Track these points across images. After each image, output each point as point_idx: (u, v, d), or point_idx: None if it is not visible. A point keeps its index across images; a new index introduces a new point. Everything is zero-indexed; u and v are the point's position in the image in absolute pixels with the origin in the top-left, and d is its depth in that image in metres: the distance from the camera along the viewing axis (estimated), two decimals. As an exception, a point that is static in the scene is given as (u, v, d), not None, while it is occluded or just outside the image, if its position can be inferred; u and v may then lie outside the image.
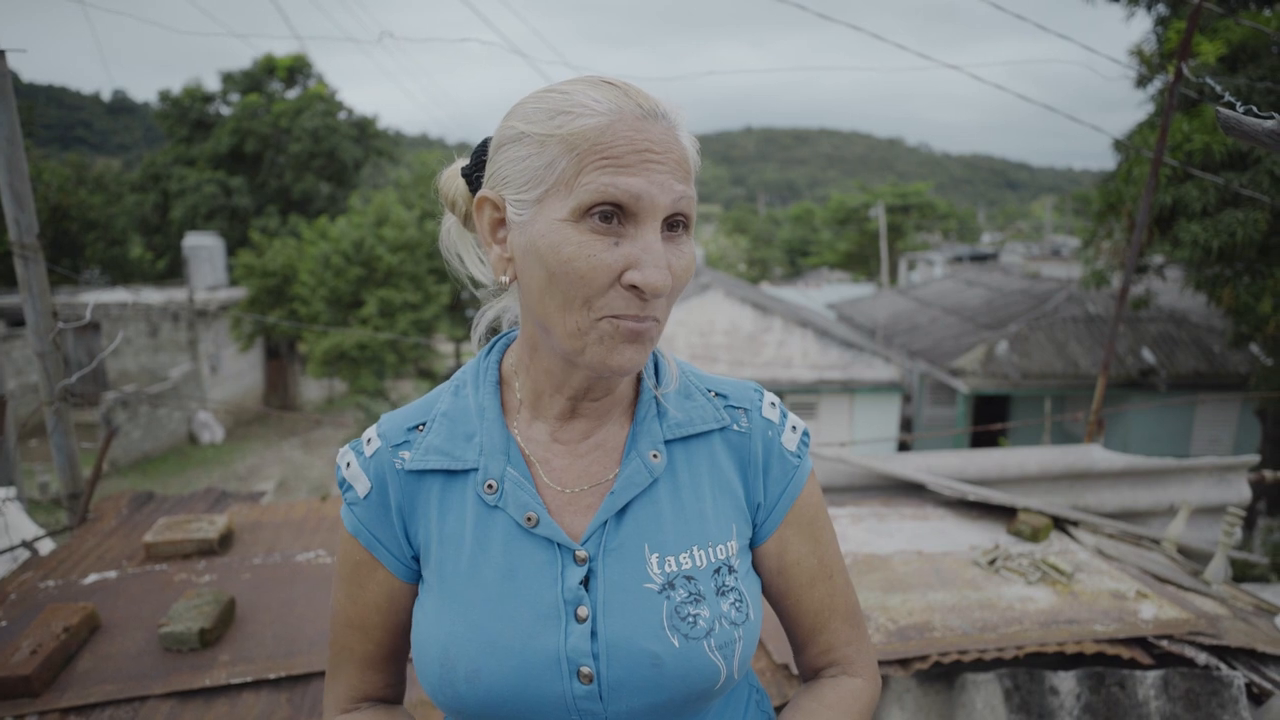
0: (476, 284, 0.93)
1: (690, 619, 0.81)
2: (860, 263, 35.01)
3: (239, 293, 19.49)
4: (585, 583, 0.81)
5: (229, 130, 23.90)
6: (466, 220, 0.92)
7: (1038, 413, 13.38)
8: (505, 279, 0.80)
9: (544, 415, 0.88)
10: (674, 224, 0.76)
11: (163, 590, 2.26)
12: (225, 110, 25.42)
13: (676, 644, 0.80)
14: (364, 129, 25.50)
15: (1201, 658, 2.13)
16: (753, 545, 0.92)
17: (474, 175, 0.87)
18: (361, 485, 0.87)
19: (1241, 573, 6.03)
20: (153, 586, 2.28)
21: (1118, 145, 9.37)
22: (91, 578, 2.33)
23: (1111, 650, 2.11)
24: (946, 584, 2.37)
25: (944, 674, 2.13)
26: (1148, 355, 12.35)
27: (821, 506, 0.96)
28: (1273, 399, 9.32)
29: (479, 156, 0.86)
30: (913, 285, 22.84)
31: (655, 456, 0.86)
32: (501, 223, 0.80)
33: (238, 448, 17.07)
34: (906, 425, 15.54)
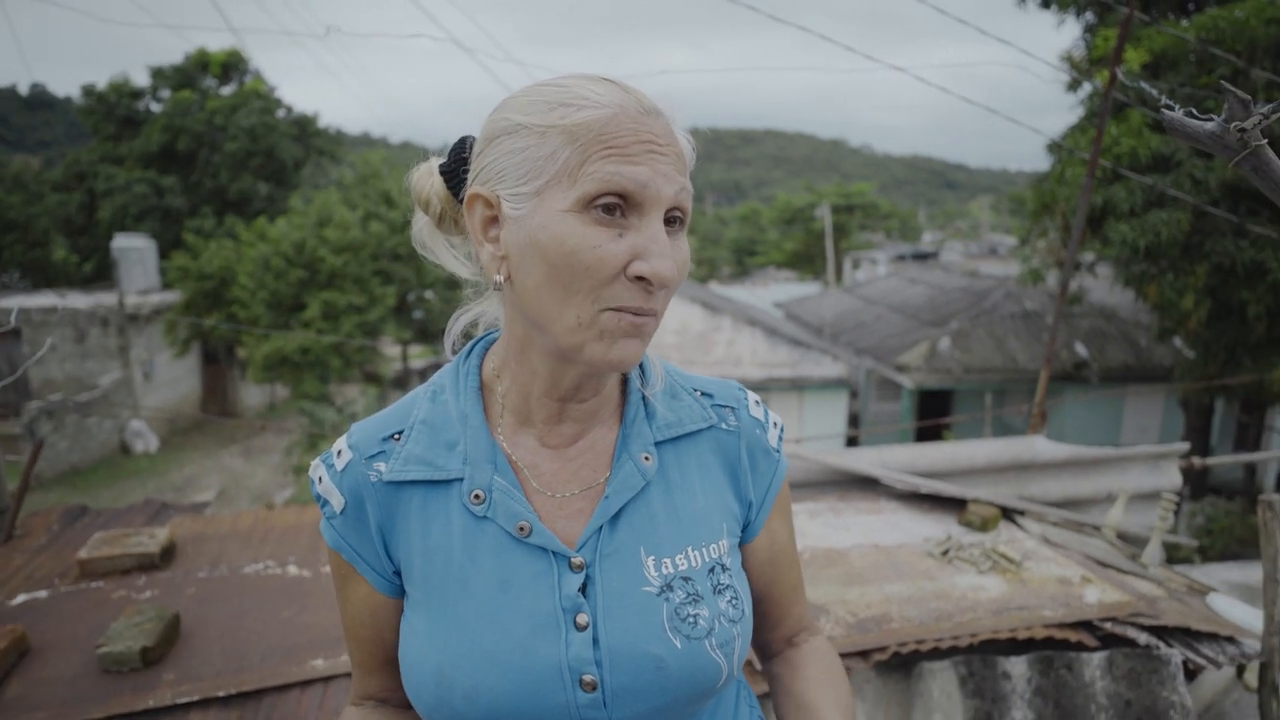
0: (455, 283, 0.91)
1: (691, 619, 0.80)
2: (806, 262, 35.52)
3: (173, 296, 18.80)
4: (583, 590, 0.80)
5: (160, 128, 23.05)
6: (441, 220, 0.89)
7: (979, 406, 13.76)
8: (499, 278, 0.78)
9: (531, 419, 0.85)
10: (671, 219, 0.75)
11: (100, 608, 2.16)
12: (155, 107, 24.51)
13: (679, 645, 0.79)
14: (304, 127, 24.88)
15: (1142, 638, 2.21)
16: (744, 540, 0.93)
17: (453, 173, 0.85)
18: (336, 500, 0.84)
19: (1171, 555, 6.29)
20: (88, 605, 2.18)
21: (1052, 147, 9.69)
22: (20, 598, 2.22)
23: (1060, 634, 2.17)
24: (903, 576, 2.41)
25: (902, 664, 2.17)
26: (1080, 349, 12.81)
27: (789, 490, 1.01)
28: (1195, 390, 9.74)
29: (458, 154, 0.84)
30: (858, 284, 23.26)
31: (647, 459, 0.85)
32: (494, 220, 0.78)
33: (174, 457, 16.48)
34: (854, 421, 15.81)
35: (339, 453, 0.85)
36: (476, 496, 0.81)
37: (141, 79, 24.64)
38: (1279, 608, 2.33)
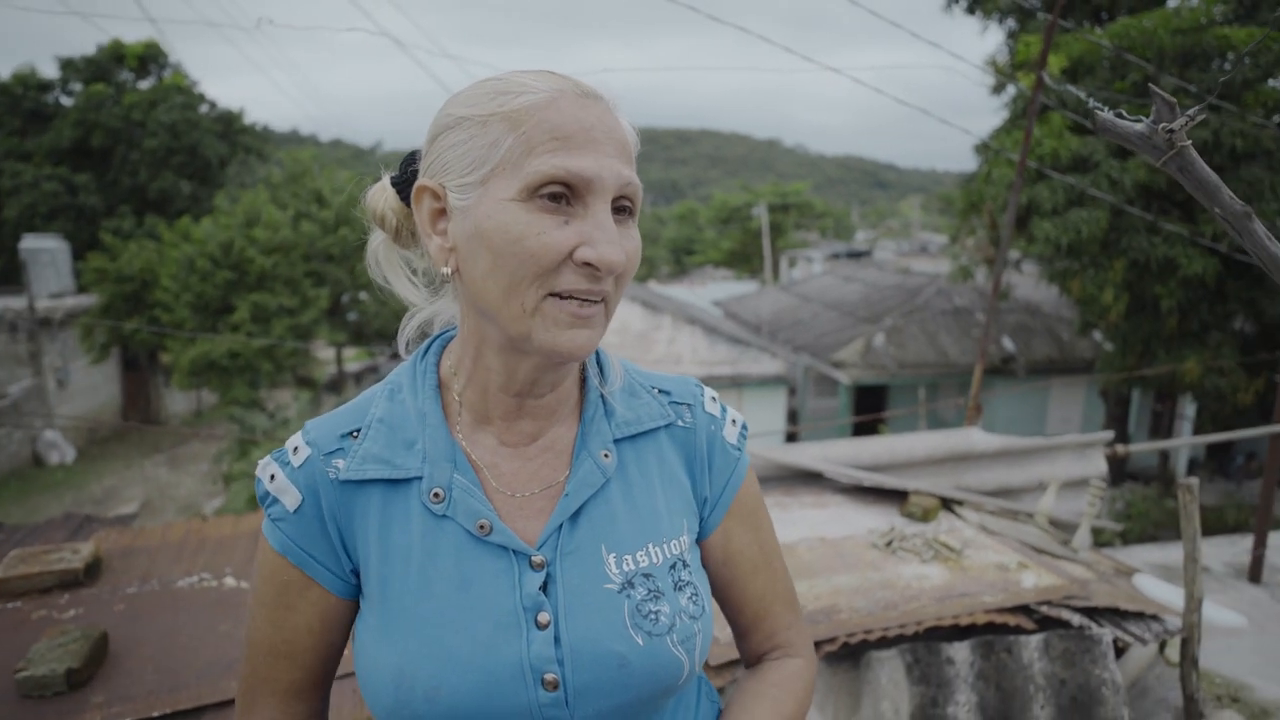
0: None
1: (652, 616, 0.81)
2: (743, 260, 35.95)
3: (89, 299, 17.92)
4: (544, 588, 0.79)
5: (72, 122, 21.91)
6: (398, 235, 0.89)
7: (913, 401, 14.15)
8: (447, 270, 0.78)
9: (490, 417, 0.84)
10: (620, 208, 0.76)
11: (18, 630, 2.04)
12: (66, 100, 23.32)
13: (641, 642, 0.79)
14: (229, 124, 23.99)
15: (1075, 619, 2.30)
16: (700, 537, 0.93)
17: (406, 185, 0.85)
18: (290, 498, 0.81)
19: (1096, 539, 6.56)
20: (5, 627, 2.06)
21: (980, 148, 10.02)
22: (-68, 620, 2.08)
23: (999, 619, 2.24)
24: (849, 567, 2.45)
25: (850, 654, 2.21)
26: (1008, 344, 13.28)
27: (760, 496, 0.98)
28: (1114, 381, 10.21)
29: (408, 166, 0.85)
30: (794, 282, 23.64)
31: (606, 456, 0.85)
32: (441, 213, 0.78)
33: (92, 468, 15.73)
34: (793, 417, 16.07)
35: (295, 449, 0.83)
36: (436, 495, 0.80)
37: (50, 70, 23.33)
38: (1198, 585, 2.46)
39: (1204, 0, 8.71)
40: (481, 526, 0.79)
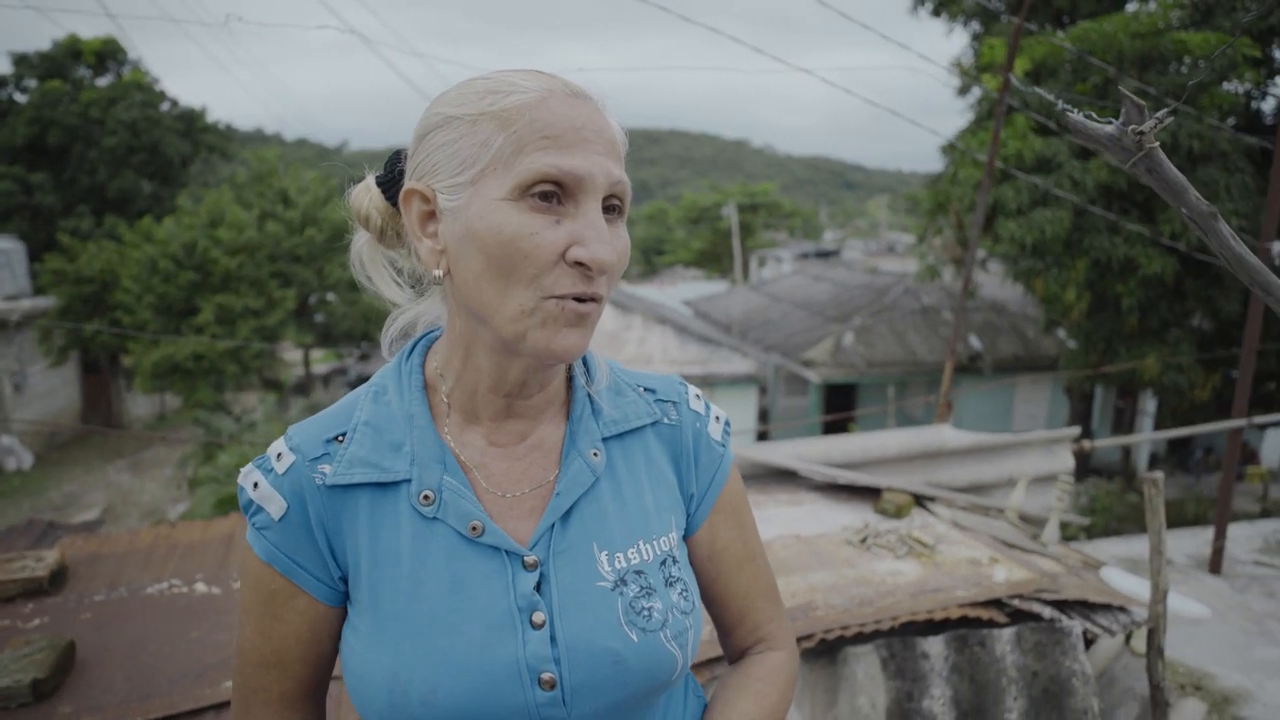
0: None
1: (645, 612, 0.81)
2: (713, 260, 36.08)
3: (46, 301, 17.48)
4: (538, 588, 0.79)
5: (26, 120, 21.33)
6: (382, 235, 0.88)
7: (882, 399, 14.30)
8: (439, 273, 0.77)
9: (478, 418, 0.84)
10: (610, 207, 0.76)
11: (-18, 640, 1.99)
12: (20, 97, 22.70)
13: (635, 639, 0.79)
14: (191, 122, 23.53)
15: (1046, 612, 2.35)
16: (687, 533, 0.94)
17: (390, 184, 0.85)
18: (275, 506, 0.79)
19: (1063, 533, 6.69)
20: (-32, 636, 2.00)
21: (947, 149, 10.16)
22: (-111, 632, 2.02)
23: (973, 613, 2.28)
24: (825, 564, 2.48)
25: (827, 650, 2.23)
26: (974, 342, 13.49)
27: (744, 493, 0.99)
28: (1077, 378, 10.42)
29: (393, 165, 0.84)
30: (764, 281, 23.78)
31: (596, 455, 0.86)
32: (431, 215, 0.77)
33: (51, 474, 15.33)
34: (763, 416, 16.18)
35: (278, 456, 0.81)
36: (425, 497, 0.79)
37: (2, 65, 22.70)
38: (1163, 577, 2.52)
39: (1161, 5, 8.93)
40: (474, 528, 0.79)
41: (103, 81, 23.07)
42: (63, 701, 1.74)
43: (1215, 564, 4.65)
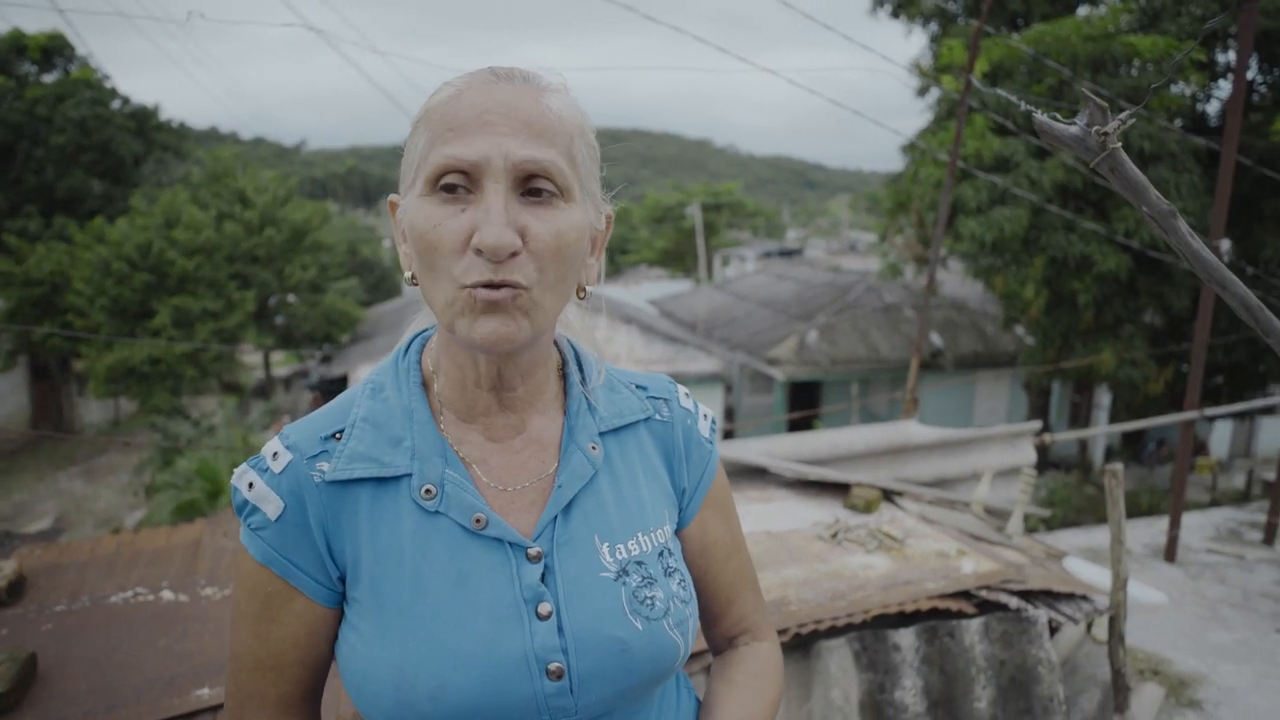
0: None
1: (648, 601, 0.83)
2: (677, 260, 36.17)
3: (-8, 305, 16.93)
4: (543, 579, 0.80)
5: (-33, 117, 20.62)
6: None
7: (846, 396, 14.48)
8: (409, 274, 0.80)
9: (472, 413, 0.85)
10: (536, 189, 0.74)
11: (-63, 654, 1.92)
12: (-40, 94, 21.91)
13: (640, 627, 0.81)
14: (143, 120, 22.92)
15: (1013, 602, 2.40)
16: (678, 529, 0.96)
17: None
18: (272, 506, 0.79)
19: (1025, 525, 6.83)
20: (-77, 651, 1.94)
21: (908, 149, 10.31)
22: None
23: (942, 604, 2.32)
24: (797, 560, 2.51)
25: (801, 644, 2.26)
26: (935, 339, 13.72)
27: (729, 487, 1.02)
28: (1036, 373, 10.65)
29: None
30: (728, 280, 23.91)
31: (594, 449, 0.87)
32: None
33: (-1, 483, 14.86)
34: (729, 414, 16.27)
35: (274, 455, 0.81)
36: (427, 491, 0.79)
37: (-57, 62, 21.88)
38: (1124, 566, 2.59)
39: (1111, 9, 9.17)
40: (477, 520, 0.79)
41: (49, 78, 22.37)
42: (25, 715, 1.69)
43: (1170, 552, 4.80)
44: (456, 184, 0.72)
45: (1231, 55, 8.95)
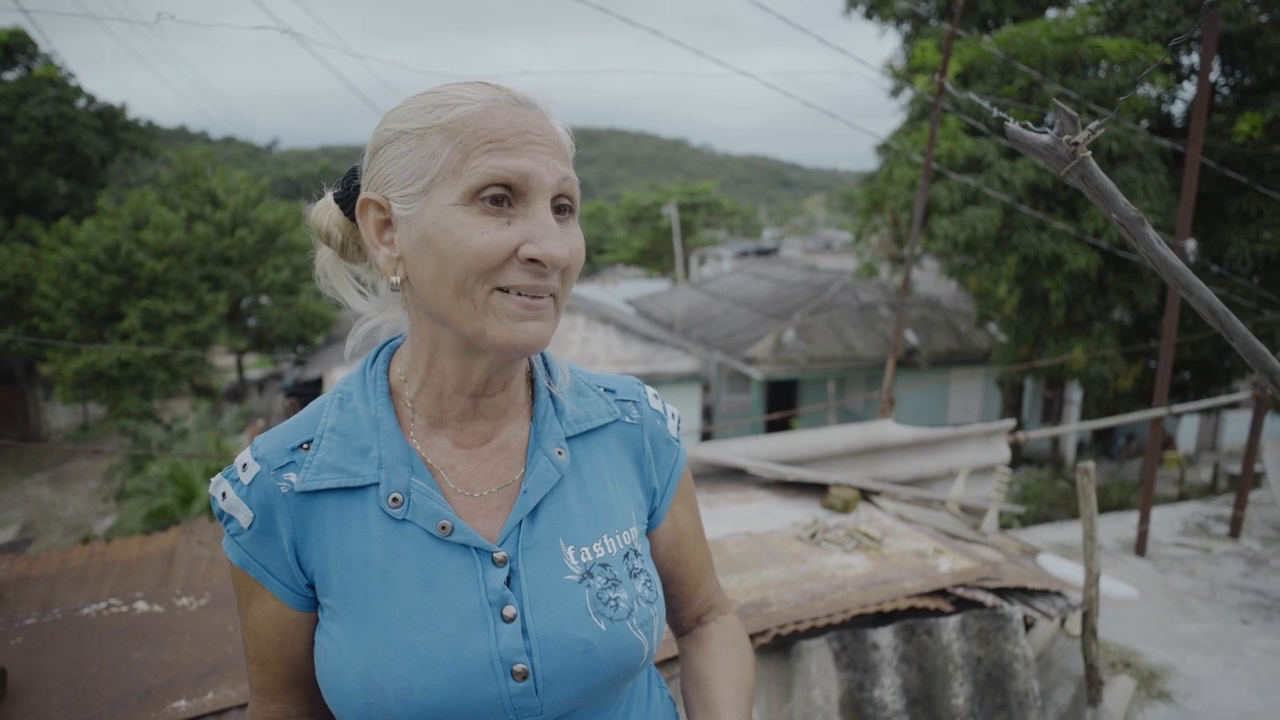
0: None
1: (612, 603, 0.85)
2: (654, 259, 36.18)
3: (-46, 309, 16.55)
4: (508, 583, 0.82)
5: (-74, 116, 20.13)
6: (344, 250, 0.90)
7: (823, 395, 14.59)
8: (396, 279, 0.80)
9: (444, 420, 0.87)
10: (560, 207, 0.79)
11: (-97, 670, 1.88)
12: (-79, 93, 21.38)
13: (603, 628, 0.83)
14: (110, 119, 22.52)
15: (989, 599, 2.43)
16: (651, 528, 0.99)
17: (348, 200, 0.87)
18: (243, 515, 0.82)
19: (1000, 522, 6.93)
20: (-112, 667, 1.89)
21: (882, 149, 10.40)
22: None
23: (920, 603, 2.35)
24: (776, 561, 2.52)
25: (781, 645, 2.27)
26: (911, 337, 13.86)
27: (691, 477, 1.07)
28: (1009, 371, 10.80)
29: (350, 181, 0.87)
30: (705, 279, 23.98)
31: (560, 453, 0.89)
32: (387, 224, 0.80)
33: (-37, 490, 14.53)
34: (707, 414, 16.32)
35: (244, 466, 0.84)
36: (394, 499, 0.82)
37: (-99, 60, 21.35)
38: (1096, 561, 2.64)
39: (1079, 12, 9.31)
40: (443, 527, 0.82)
41: (11, 75, 21.90)
42: (-5, 732, 1.66)
43: (1140, 547, 4.88)
44: (502, 196, 0.74)
45: (1196, 58, 9.14)
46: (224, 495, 0.84)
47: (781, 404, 15.26)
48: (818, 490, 3.16)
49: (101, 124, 22.31)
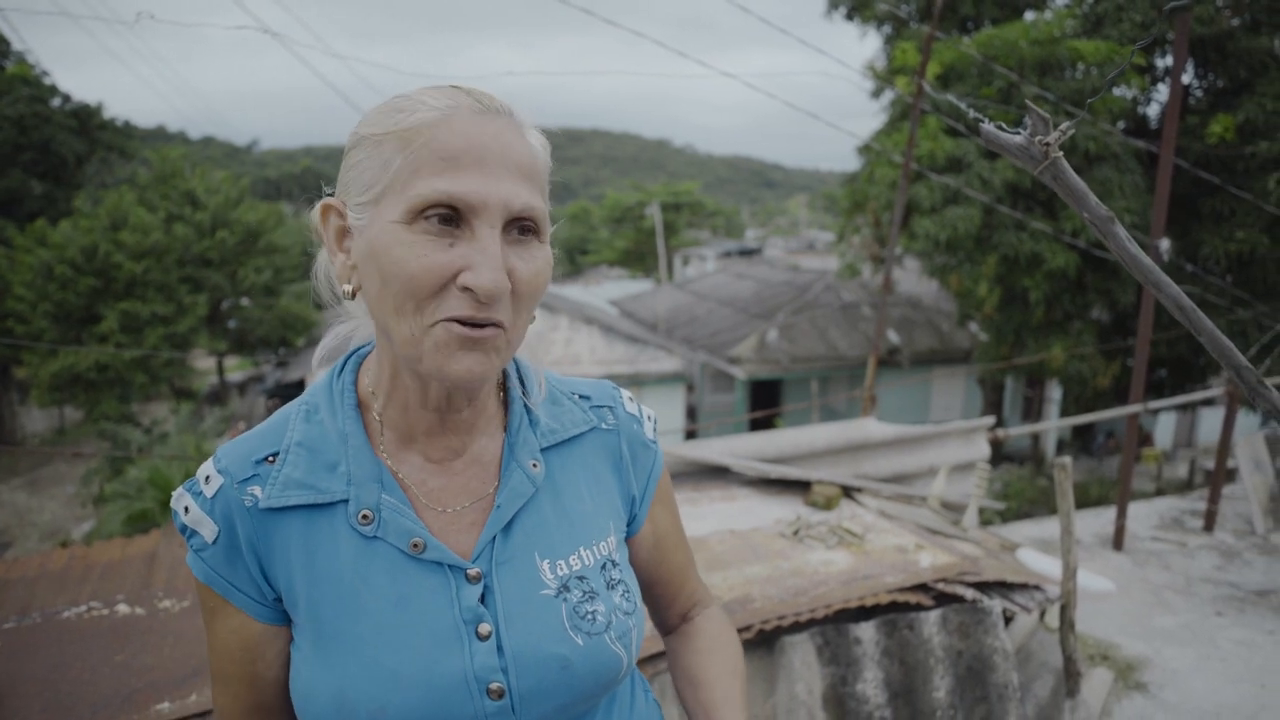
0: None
1: (589, 616, 0.83)
2: (638, 259, 36.18)
3: (-73, 311, 16.29)
4: (482, 600, 0.80)
5: (-101, 117, 19.78)
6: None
7: (806, 394, 14.66)
8: (347, 288, 0.77)
9: (413, 435, 0.83)
10: (523, 228, 0.75)
11: (-120, 676, 1.86)
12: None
13: (580, 643, 0.81)
14: (86, 119, 22.24)
15: (969, 594, 2.47)
16: (631, 533, 0.98)
17: None
18: (207, 530, 0.79)
19: (980, 518, 7.00)
20: None
21: (863, 150, 10.48)
22: None
23: (901, 598, 2.38)
24: (760, 557, 2.54)
25: (764, 640, 2.30)
26: (892, 336, 13.96)
27: (668, 476, 1.05)
28: (990, 369, 10.91)
29: None
30: (688, 280, 24.02)
31: (535, 466, 0.87)
32: (346, 231, 0.77)
33: (-62, 496, 14.30)
34: (691, 413, 16.36)
35: (206, 479, 0.80)
36: (364, 517, 0.79)
37: None
38: (1074, 556, 2.68)
39: (1056, 14, 9.43)
40: (415, 545, 0.79)
41: (-16, 75, 21.55)
42: (-25, 737, 1.65)
43: (1118, 541, 4.96)
44: (449, 217, 0.70)
45: (1169, 60, 9.27)
46: (186, 510, 0.80)
47: (765, 403, 15.32)
48: (800, 488, 3.18)
49: (77, 123, 22.02)
